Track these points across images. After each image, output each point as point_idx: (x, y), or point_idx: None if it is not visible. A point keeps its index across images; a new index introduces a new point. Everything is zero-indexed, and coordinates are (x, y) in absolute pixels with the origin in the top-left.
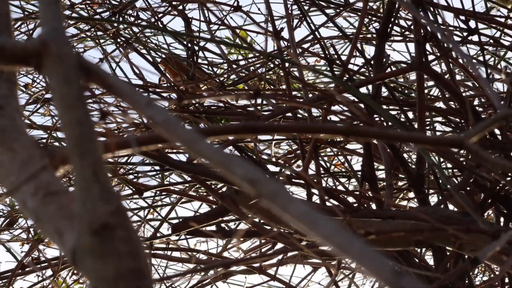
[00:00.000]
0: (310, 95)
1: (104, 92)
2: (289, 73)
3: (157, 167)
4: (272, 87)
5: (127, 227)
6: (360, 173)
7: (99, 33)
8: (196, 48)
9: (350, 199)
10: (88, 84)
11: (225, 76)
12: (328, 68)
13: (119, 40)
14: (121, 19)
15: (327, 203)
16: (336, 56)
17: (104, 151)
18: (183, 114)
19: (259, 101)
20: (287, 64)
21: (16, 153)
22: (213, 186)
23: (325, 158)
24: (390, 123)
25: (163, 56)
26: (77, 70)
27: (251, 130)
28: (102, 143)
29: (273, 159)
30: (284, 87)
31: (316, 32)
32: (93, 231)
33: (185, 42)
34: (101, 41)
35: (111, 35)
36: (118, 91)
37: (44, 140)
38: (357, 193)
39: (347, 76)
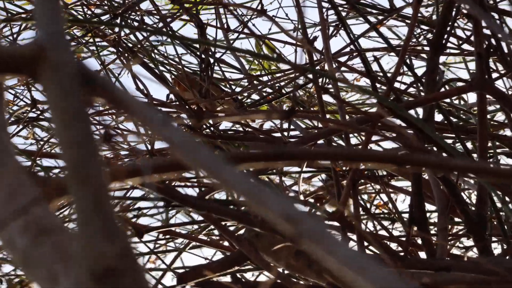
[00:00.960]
0: (348, 118)
1: (110, 108)
2: (325, 89)
3: (159, 203)
4: (302, 108)
5: (136, 273)
6: (407, 214)
7: (97, 39)
8: (211, 60)
9: (395, 246)
10: (91, 98)
11: (245, 94)
12: (371, 86)
13: (120, 48)
14: (123, 23)
15: (369, 250)
16: (380, 71)
17: (110, 179)
18: (200, 137)
19: (285, 124)
20: (320, 80)
21: (2, 180)
22: (229, 228)
23: (364, 197)
24: (447, 152)
25: (172, 68)
26: (79, 80)
27: (286, 156)
28: (107, 169)
29: (302, 197)
30: (316, 108)
31: (356, 43)
32: (95, 277)
33: (198, 53)
34: (99, 49)
35: (111, 41)
36: (128, 107)
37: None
38: (404, 238)
39: (393, 95)
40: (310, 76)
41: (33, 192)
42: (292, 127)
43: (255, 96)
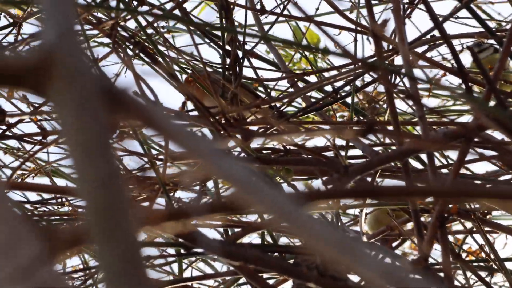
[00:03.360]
0: (432, 131)
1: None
2: (400, 92)
3: (168, 250)
4: (361, 117)
5: None
6: None
7: (86, 27)
8: (240, 53)
9: None
10: (114, 119)
11: (286, 99)
12: (464, 87)
13: (117, 38)
14: (120, 5)
15: None
16: (476, 66)
17: (141, 227)
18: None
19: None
20: (393, 78)
21: None
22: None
23: (451, 238)
24: None
25: (186, 65)
26: (100, 97)
27: (376, 193)
28: (139, 214)
29: (364, 238)
30: (385, 118)
31: (441, 27)
32: None
33: (221, 43)
34: (89, 39)
35: (105, 30)
36: (167, 133)
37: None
38: None
39: (495, 99)
40: (378, 74)
41: (36, 247)
42: (350, 143)
43: (297, 102)
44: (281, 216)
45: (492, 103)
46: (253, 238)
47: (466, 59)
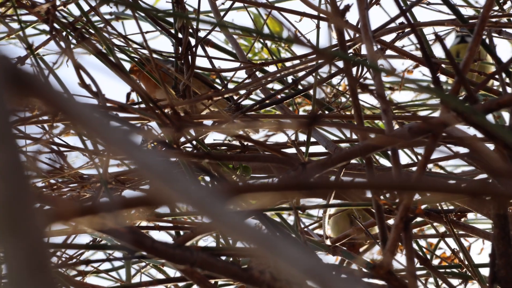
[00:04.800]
0: (396, 126)
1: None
2: (362, 85)
3: (117, 254)
4: (327, 111)
5: None
6: (487, 270)
7: (21, 11)
8: (193, 41)
9: None
10: (18, 103)
11: (244, 91)
12: (431, 79)
13: (56, 24)
14: None
15: None
16: (445, 57)
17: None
18: (181, 157)
19: (302, 134)
20: (355, 70)
21: None
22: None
23: (422, 243)
24: None
25: (134, 54)
26: (6, 82)
27: (310, 186)
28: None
29: (328, 241)
30: (348, 111)
31: (408, 14)
32: None
33: (172, 31)
34: (23, 26)
35: (41, 14)
36: (74, 116)
37: None
38: None
39: (465, 92)
40: (340, 64)
41: None
42: (313, 139)
43: (256, 94)
44: (200, 209)
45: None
46: (210, 242)
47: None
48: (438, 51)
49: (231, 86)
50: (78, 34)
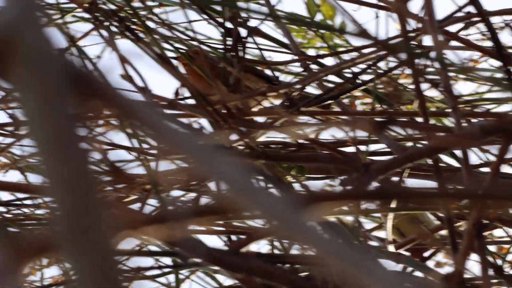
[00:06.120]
0: (466, 124)
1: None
2: (428, 80)
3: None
4: (386, 106)
5: None
6: None
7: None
8: (245, 31)
9: None
10: (82, 107)
11: (298, 85)
12: (504, 72)
13: (98, 14)
14: None
15: None
16: None
17: (117, 233)
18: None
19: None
20: (420, 62)
21: None
22: None
23: (492, 249)
24: None
25: (180, 45)
26: (68, 84)
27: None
28: (115, 218)
29: (391, 248)
30: (411, 107)
31: (477, 2)
32: None
33: (221, 20)
34: (65, 15)
35: (84, 5)
36: (149, 127)
37: None
38: None
39: None
40: (402, 57)
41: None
42: (373, 137)
43: (311, 88)
44: (278, 221)
45: None
46: (262, 246)
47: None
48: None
49: (282, 79)
50: (123, 25)
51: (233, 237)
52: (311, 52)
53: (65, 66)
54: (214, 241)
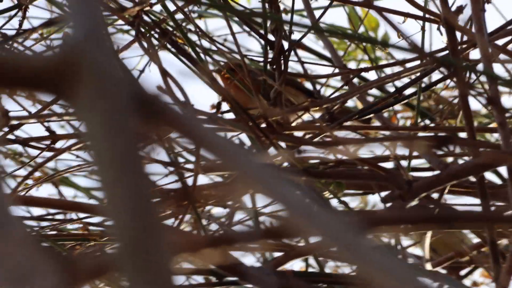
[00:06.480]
0: None
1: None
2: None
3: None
4: (429, 121)
5: None
6: None
7: (104, 13)
8: (286, 44)
9: None
10: (147, 131)
11: (340, 100)
12: None
13: (141, 26)
14: None
15: None
16: None
17: (176, 256)
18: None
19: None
20: (467, 76)
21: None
22: None
23: None
24: None
25: (221, 58)
26: (131, 105)
27: (451, 220)
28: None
29: (428, 266)
30: (456, 122)
31: None
32: None
33: (263, 32)
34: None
35: (127, 17)
36: (211, 149)
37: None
38: None
39: None
40: (450, 71)
41: (53, 279)
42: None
43: (350, 102)
44: (339, 245)
45: None
46: (295, 263)
47: None
48: None
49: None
50: (168, 38)
51: (268, 255)
52: (352, 64)
53: (130, 87)
54: (249, 259)
